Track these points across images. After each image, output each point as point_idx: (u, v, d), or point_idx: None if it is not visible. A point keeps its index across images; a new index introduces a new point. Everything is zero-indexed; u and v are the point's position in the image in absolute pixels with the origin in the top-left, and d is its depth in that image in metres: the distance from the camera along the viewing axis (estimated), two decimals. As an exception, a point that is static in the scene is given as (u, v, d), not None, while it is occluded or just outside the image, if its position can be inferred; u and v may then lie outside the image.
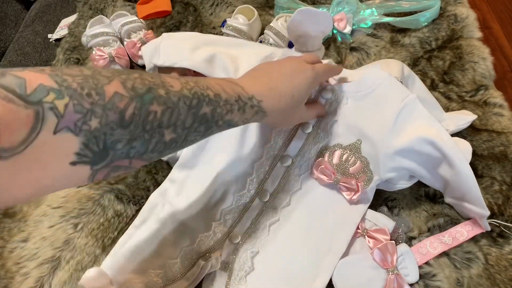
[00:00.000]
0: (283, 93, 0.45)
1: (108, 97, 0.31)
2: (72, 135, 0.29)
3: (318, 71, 0.48)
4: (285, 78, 0.45)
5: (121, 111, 0.31)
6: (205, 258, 0.50)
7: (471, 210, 0.50)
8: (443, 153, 0.47)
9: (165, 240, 0.53)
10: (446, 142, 0.47)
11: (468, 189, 0.48)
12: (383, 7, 0.74)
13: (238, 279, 0.49)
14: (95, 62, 0.74)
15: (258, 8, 0.79)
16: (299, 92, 0.46)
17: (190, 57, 0.60)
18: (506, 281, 0.49)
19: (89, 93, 0.30)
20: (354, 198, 0.52)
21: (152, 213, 0.55)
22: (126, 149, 0.33)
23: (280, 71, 0.46)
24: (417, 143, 0.48)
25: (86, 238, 0.56)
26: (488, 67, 0.67)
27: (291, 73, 0.46)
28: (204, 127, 0.39)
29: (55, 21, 0.97)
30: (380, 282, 0.48)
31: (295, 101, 0.46)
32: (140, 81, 0.34)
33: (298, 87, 0.46)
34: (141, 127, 0.33)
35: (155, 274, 0.50)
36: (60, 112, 0.28)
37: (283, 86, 0.45)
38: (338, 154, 0.54)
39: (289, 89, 0.45)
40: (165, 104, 0.35)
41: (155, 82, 0.35)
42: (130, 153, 0.33)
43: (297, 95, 0.46)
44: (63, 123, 0.28)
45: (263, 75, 0.46)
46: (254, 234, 0.52)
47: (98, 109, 0.30)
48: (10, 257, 0.56)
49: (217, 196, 0.55)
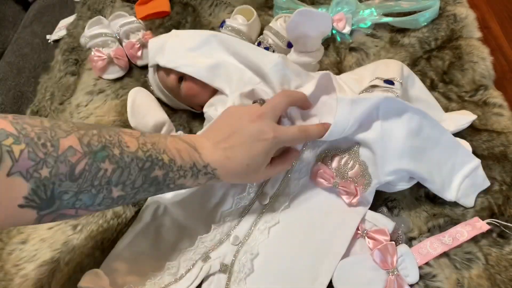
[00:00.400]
0: (239, 164, 0.46)
1: (62, 150, 0.33)
2: (23, 180, 0.31)
3: (280, 140, 0.47)
4: (243, 147, 0.46)
5: (72, 165, 0.34)
6: (204, 260, 0.50)
7: (465, 171, 0.53)
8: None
9: (164, 242, 0.53)
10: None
11: (453, 150, 0.52)
12: (382, 7, 0.74)
13: (238, 281, 0.49)
14: (94, 63, 0.74)
15: (257, 9, 0.79)
16: (255, 161, 0.46)
17: (192, 62, 0.60)
18: (507, 282, 0.49)
19: (44, 144, 0.32)
20: (353, 202, 0.52)
21: (151, 214, 0.55)
22: (72, 200, 0.35)
23: (240, 137, 0.46)
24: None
25: (85, 240, 0.56)
26: (487, 67, 0.67)
27: (250, 141, 0.46)
28: (154, 188, 0.41)
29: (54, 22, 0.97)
30: (380, 283, 0.48)
31: (251, 169, 0.46)
32: (97, 138, 0.36)
33: (254, 157, 0.46)
34: (90, 182, 0.35)
35: (154, 276, 0.50)
36: (15, 156, 0.31)
37: (239, 156, 0.45)
38: (337, 158, 0.54)
39: (245, 159, 0.46)
40: (117, 164, 0.37)
41: (111, 141, 0.37)
42: (76, 204, 0.35)
43: (253, 165, 0.46)
44: (16, 167, 0.31)
45: (224, 139, 0.46)
46: (254, 236, 0.52)
47: (51, 159, 0.33)
48: (9, 259, 0.55)
49: (216, 199, 0.55)
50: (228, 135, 0.47)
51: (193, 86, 0.62)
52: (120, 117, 0.69)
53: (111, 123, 0.68)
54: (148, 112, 0.61)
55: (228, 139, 0.46)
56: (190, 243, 0.52)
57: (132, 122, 0.60)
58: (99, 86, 0.74)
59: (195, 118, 0.68)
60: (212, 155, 0.45)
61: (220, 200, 0.55)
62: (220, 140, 0.46)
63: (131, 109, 0.60)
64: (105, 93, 0.73)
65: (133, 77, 0.76)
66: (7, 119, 0.32)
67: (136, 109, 0.60)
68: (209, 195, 0.55)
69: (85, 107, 0.71)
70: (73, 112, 0.71)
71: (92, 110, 0.71)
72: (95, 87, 0.74)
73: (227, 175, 0.46)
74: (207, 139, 0.47)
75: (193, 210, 0.55)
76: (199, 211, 0.55)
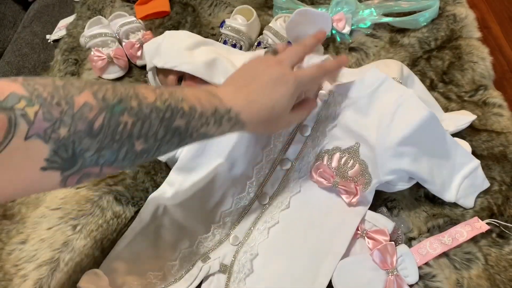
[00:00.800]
0: (263, 106, 0.44)
1: (78, 107, 0.32)
2: (42, 142, 0.30)
3: (301, 80, 0.46)
4: (265, 90, 0.45)
5: (90, 121, 0.32)
6: (204, 260, 0.50)
7: (465, 172, 0.53)
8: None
9: (164, 242, 0.53)
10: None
11: (453, 151, 0.52)
12: (382, 7, 0.74)
13: (237, 281, 0.49)
14: (94, 63, 0.74)
15: (257, 9, 0.78)
16: (280, 104, 0.45)
17: (190, 60, 0.60)
18: (506, 282, 0.49)
19: (59, 102, 0.31)
20: (353, 201, 0.52)
21: (150, 215, 0.55)
22: (95, 157, 0.34)
23: (261, 81, 0.45)
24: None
25: (85, 240, 0.56)
26: (487, 67, 0.67)
27: (272, 84, 0.45)
28: (177, 139, 0.39)
29: (54, 22, 0.97)
30: (380, 283, 0.48)
31: (276, 113, 0.45)
32: (111, 91, 0.35)
33: (279, 99, 0.45)
34: (110, 137, 0.34)
35: (154, 276, 0.50)
36: (31, 119, 0.29)
37: (263, 98, 0.44)
38: (337, 158, 0.54)
39: (269, 101, 0.44)
40: (136, 116, 0.35)
41: (128, 93, 0.36)
42: (99, 161, 0.34)
43: (277, 107, 0.45)
44: (33, 130, 0.30)
45: (244, 85, 0.45)
46: (254, 236, 0.52)
47: (67, 118, 0.31)
48: (9, 259, 0.55)
49: (216, 199, 0.55)
50: (249, 81, 0.45)
51: (193, 85, 0.62)
52: (119, 117, 0.69)
53: (110, 123, 0.68)
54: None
55: (249, 84, 0.45)
56: (189, 243, 0.52)
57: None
58: (99, 86, 0.74)
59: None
60: (235, 99, 0.43)
61: (219, 200, 0.55)
62: (241, 86, 0.45)
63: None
64: (104, 93, 0.73)
65: (133, 77, 0.76)
66: (17, 82, 0.31)
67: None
68: (208, 195, 0.55)
69: (84, 107, 0.71)
70: (72, 112, 0.71)
71: (91, 110, 0.70)
72: (95, 87, 0.74)
73: (252, 120, 0.44)
74: (227, 86, 0.46)
75: (192, 210, 0.55)
76: (198, 211, 0.55)
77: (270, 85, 0.45)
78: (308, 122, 0.56)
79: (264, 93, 0.44)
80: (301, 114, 0.51)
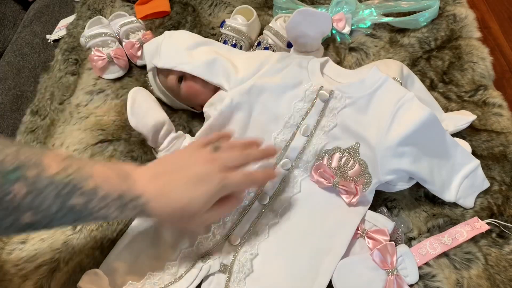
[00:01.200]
0: (177, 200, 0.42)
1: None
2: None
3: (226, 184, 0.43)
4: (185, 185, 0.42)
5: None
6: (204, 260, 0.50)
7: (465, 172, 0.53)
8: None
9: (164, 242, 0.53)
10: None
11: (453, 151, 0.53)
12: (382, 7, 0.74)
13: (238, 281, 0.49)
14: (94, 62, 0.74)
15: (257, 9, 0.79)
16: (197, 202, 0.42)
17: (190, 60, 0.60)
18: (506, 282, 0.49)
19: None
20: (353, 201, 0.52)
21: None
22: None
23: (185, 174, 0.43)
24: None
25: (85, 240, 0.56)
26: (487, 67, 0.67)
27: (195, 180, 0.43)
28: (72, 217, 0.38)
29: (54, 22, 0.97)
30: (380, 283, 0.48)
31: (190, 210, 0.43)
32: (13, 156, 0.34)
33: (197, 197, 0.42)
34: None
35: (153, 276, 0.50)
36: None
37: (180, 192, 0.42)
38: (337, 158, 0.54)
39: (185, 197, 0.42)
40: (29, 187, 0.34)
41: (29, 160, 0.35)
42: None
43: (193, 205, 0.42)
44: None
45: (166, 172, 0.43)
46: (254, 236, 0.52)
47: None
48: (9, 259, 0.55)
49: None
50: (173, 170, 0.44)
51: (193, 85, 0.62)
52: (120, 117, 0.69)
53: (111, 122, 0.68)
54: (148, 112, 0.60)
55: (171, 173, 0.43)
56: (189, 243, 0.52)
57: (132, 122, 0.60)
58: (99, 86, 0.74)
59: (195, 118, 0.68)
60: (149, 186, 0.42)
61: (219, 200, 0.55)
62: (162, 172, 0.43)
63: (131, 109, 0.60)
64: (105, 93, 0.73)
65: (133, 77, 0.76)
66: None
67: (136, 109, 0.60)
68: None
69: (85, 107, 0.71)
70: (72, 112, 0.71)
71: (92, 110, 0.71)
72: (95, 87, 0.74)
73: (161, 212, 0.42)
74: (147, 169, 0.44)
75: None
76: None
77: (192, 180, 0.43)
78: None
79: (183, 187, 0.42)
80: (220, 213, 0.47)
